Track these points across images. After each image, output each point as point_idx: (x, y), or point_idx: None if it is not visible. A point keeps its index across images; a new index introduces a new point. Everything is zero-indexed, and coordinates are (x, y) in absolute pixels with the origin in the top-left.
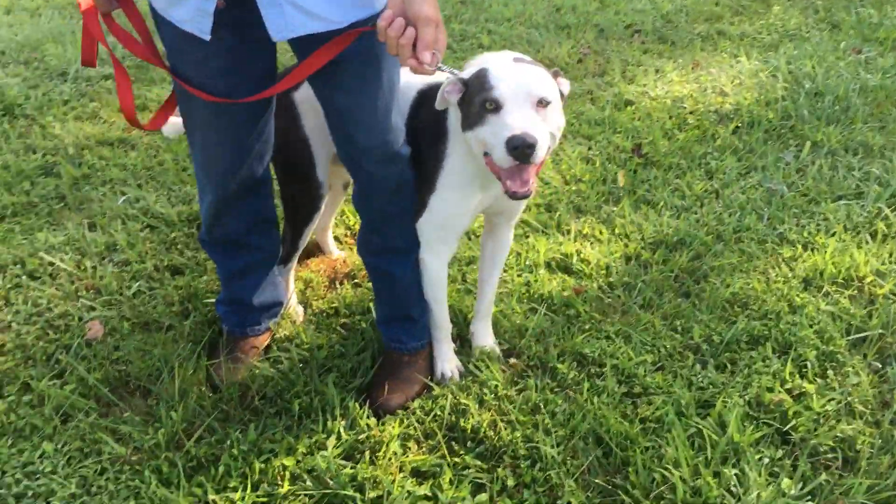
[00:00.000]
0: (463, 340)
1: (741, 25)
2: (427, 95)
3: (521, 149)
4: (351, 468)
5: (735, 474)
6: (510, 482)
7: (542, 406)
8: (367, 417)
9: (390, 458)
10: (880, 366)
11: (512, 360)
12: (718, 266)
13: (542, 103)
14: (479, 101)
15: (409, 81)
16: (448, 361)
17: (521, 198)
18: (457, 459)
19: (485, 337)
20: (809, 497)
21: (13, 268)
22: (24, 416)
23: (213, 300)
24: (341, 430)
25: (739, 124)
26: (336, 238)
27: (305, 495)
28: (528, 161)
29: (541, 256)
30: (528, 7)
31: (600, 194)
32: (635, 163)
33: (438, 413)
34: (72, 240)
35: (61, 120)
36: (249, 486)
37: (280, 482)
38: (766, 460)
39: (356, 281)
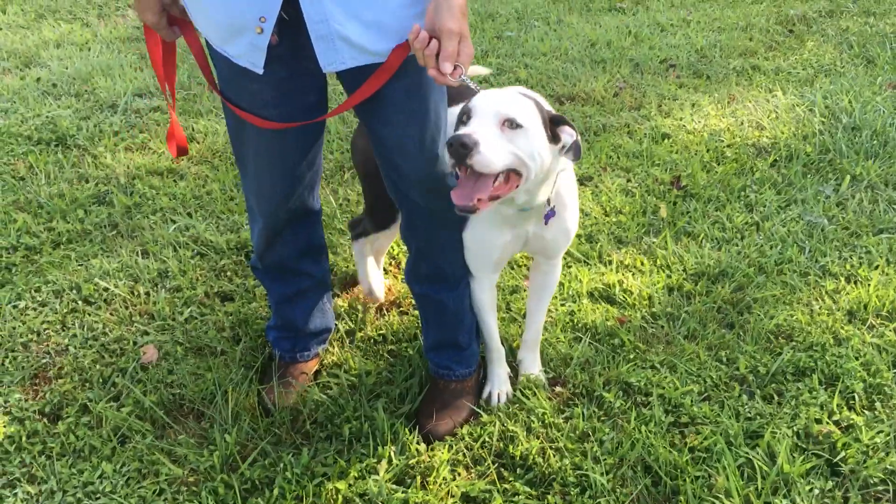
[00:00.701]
0: (509, 367)
1: (775, 60)
2: None
3: (455, 146)
4: (402, 493)
5: None
6: None
7: (590, 434)
8: (417, 443)
9: (441, 484)
10: None
11: (558, 389)
12: (761, 298)
13: (511, 124)
14: (458, 115)
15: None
16: (498, 385)
17: (463, 212)
18: (507, 486)
19: (532, 366)
20: None
21: (69, 293)
22: (82, 437)
23: (263, 326)
24: (392, 454)
25: (777, 158)
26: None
27: None
28: (462, 160)
29: (584, 286)
30: (563, 42)
31: (641, 226)
32: (674, 195)
33: (487, 439)
34: (125, 266)
35: (112, 150)
36: None
37: None
38: (817, 491)
39: (402, 309)
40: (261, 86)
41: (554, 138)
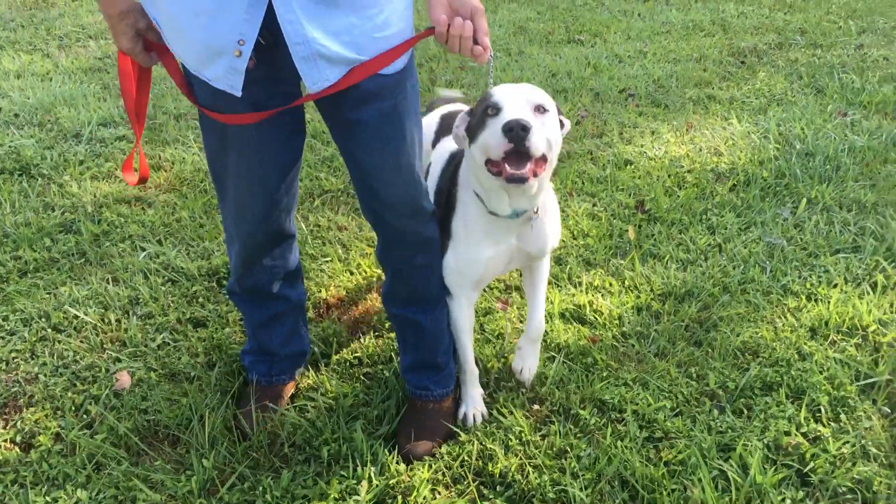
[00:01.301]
0: (485, 387)
1: (730, 90)
2: (455, 156)
3: (515, 130)
4: None
5: None
6: None
7: (568, 450)
8: (397, 463)
9: (421, 503)
10: (889, 410)
11: (535, 407)
12: (727, 316)
13: (540, 109)
14: (480, 111)
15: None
16: (472, 406)
17: (518, 180)
18: (487, 503)
19: (529, 357)
20: None
21: (38, 321)
22: (56, 465)
23: (238, 351)
24: (372, 475)
25: (736, 182)
26: (356, 289)
27: None
28: (522, 144)
29: (555, 307)
30: (525, 73)
31: (608, 248)
32: (639, 218)
33: (466, 458)
34: (95, 294)
35: (78, 179)
36: None
37: None
38: (789, 502)
39: (377, 333)
40: (238, 109)
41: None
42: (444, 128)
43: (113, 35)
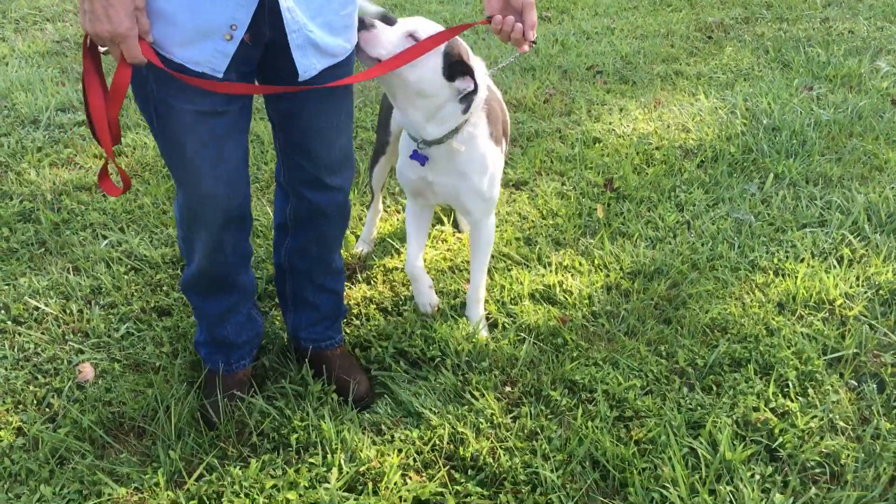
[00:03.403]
0: (455, 370)
1: (697, 66)
2: None
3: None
4: (354, 500)
5: (730, 491)
6: None
7: (539, 432)
8: (367, 449)
9: (392, 489)
10: (856, 384)
11: (507, 389)
12: (696, 293)
13: (412, 37)
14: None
15: None
16: (421, 295)
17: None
18: (458, 487)
19: (473, 316)
20: None
21: None
22: (18, 461)
23: None
24: (342, 462)
25: (704, 159)
26: None
27: None
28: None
29: (525, 288)
30: (492, 51)
31: (577, 227)
32: (608, 197)
33: (437, 442)
34: (56, 284)
35: (36, 167)
36: None
37: None
38: (758, 477)
39: (345, 319)
40: (207, 94)
41: (451, 78)
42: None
43: (106, 15)
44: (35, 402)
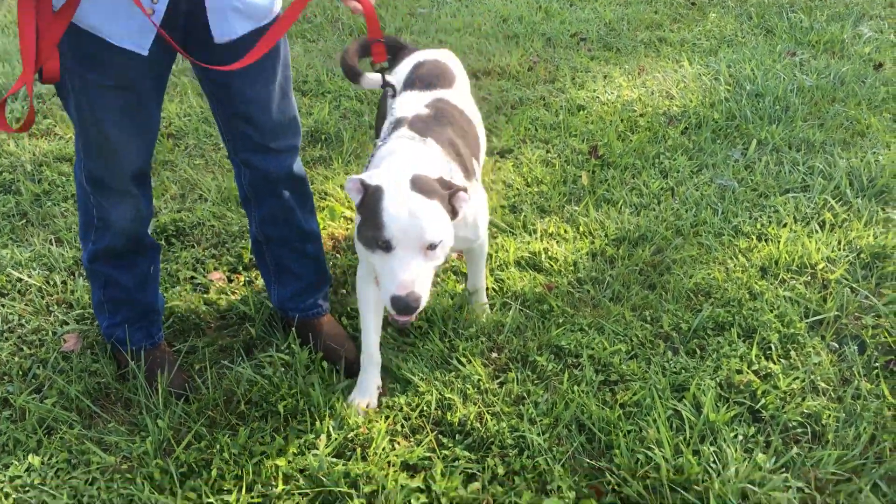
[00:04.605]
0: (443, 336)
1: (680, 32)
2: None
3: (401, 308)
4: (343, 465)
5: (713, 452)
6: (500, 470)
7: (525, 397)
8: (356, 415)
9: (381, 454)
10: (837, 346)
11: (493, 355)
12: (680, 259)
13: (432, 246)
14: (370, 234)
15: None
16: (361, 395)
17: (404, 326)
18: (446, 452)
19: (478, 300)
20: (783, 469)
21: None
22: (5, 431)
23: (184, 309)
24: (330, 429)
25: (687, 125)
26: None
27: (300, 494)
28: (411, 313)
29: (510, 255)
30: (476, 18)
31: (562, 195)
32: (593, 164)
33: (425, 408)
34: (38, 255)
35: (15, 138)
36: (244, 487)
37: (274, 482)
38: (741, 437)
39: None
40: (133, 64)
41: (454, 212)
42: (417, 78)
43: None
44: (21, 373)
